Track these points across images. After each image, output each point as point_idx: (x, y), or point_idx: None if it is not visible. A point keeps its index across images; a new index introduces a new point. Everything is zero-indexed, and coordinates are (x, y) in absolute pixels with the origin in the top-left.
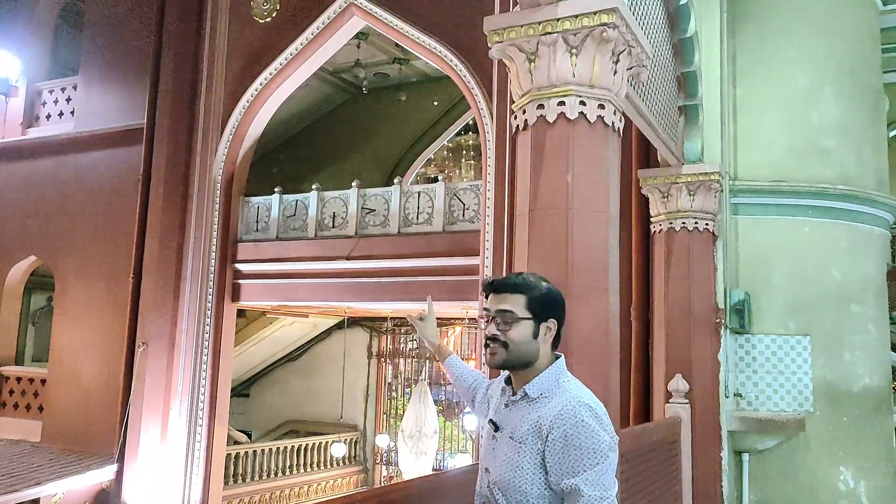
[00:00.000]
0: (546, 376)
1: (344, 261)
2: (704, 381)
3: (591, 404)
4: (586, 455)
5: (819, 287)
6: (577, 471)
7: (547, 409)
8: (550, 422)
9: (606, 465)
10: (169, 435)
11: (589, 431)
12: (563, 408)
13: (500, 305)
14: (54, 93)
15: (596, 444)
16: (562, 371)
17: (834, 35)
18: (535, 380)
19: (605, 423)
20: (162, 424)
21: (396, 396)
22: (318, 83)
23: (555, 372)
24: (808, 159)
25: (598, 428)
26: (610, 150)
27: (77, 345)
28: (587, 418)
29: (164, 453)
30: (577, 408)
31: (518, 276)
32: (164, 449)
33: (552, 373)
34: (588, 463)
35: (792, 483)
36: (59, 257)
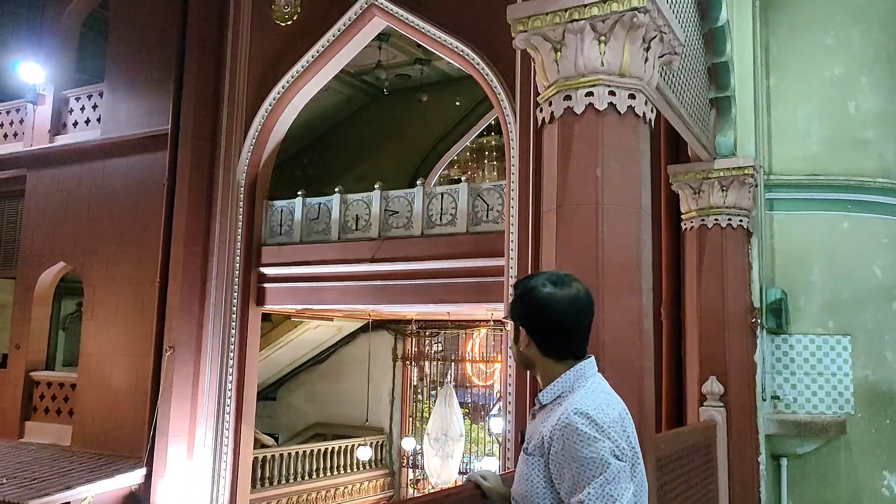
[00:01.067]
0: (559, 383)
1: (367, 263)
2: (740, 383)
3: (588, 411)
4: (585, 467)
5: (859, 284)
6: (579, 486)
7: (550, 420)
8: (550, 433)
9: (610, 474)
10: (196, 438)
11: (584, 440)
12: (560, 417)
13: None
14: (80, 100)
15: (593, 453)
16: (580, 376)
17: (870, 23)
18: (549, 386)
19: (606, 430)
20: (189, 428)
21: (422, 399)
22: (339, 86)
23: (570, 378)
24: (845, 151)
25: (595, 435)
26: (641, 142)
27: (106, 349)
28: (582, 426)
29: (191, 457)
30: (571, 416)
31: (527, 276)
32: (191, 452)
33: (567, 379)
34: (588, 475)
35: (832, 489)
36: (88, 263)
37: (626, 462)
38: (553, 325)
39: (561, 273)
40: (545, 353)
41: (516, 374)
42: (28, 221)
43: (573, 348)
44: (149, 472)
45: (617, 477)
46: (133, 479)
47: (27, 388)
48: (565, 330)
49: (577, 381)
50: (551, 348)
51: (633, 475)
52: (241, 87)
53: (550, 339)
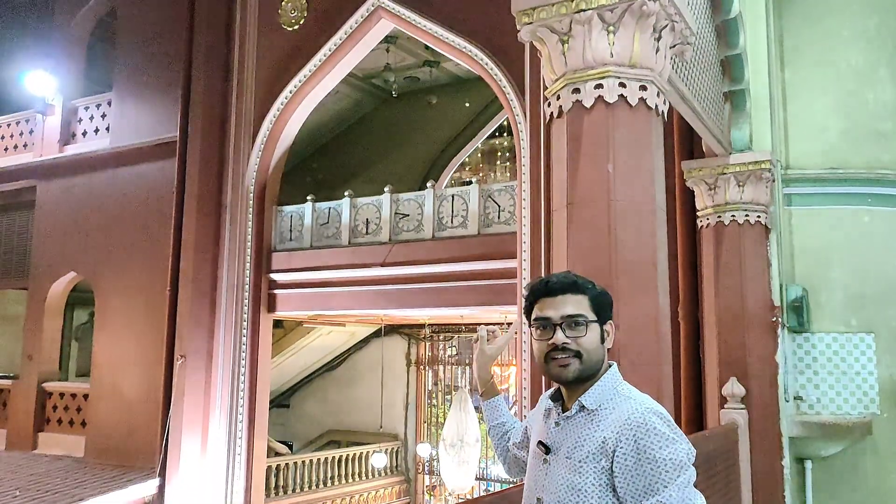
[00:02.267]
0: (603, 384)
1: (378, 267)
2: (762, 384)
3: (661, 412)
4: (664, 468)
5: (882, 280)
6: (655, 488)
7: (610, 421)
8: (617, 434)
9: (688, 477)
10: (209, 448)
11: (664, 440)
12: (630, 416)
13: (564, 310)
14: (89, 109)
15: (674, 454)
16: (618, 378)
17: (887, 12)
18: (592, 389)
19: (677, 430)
20: (202, 437)
21: (437, 404)
22: (347, 89)
23: (611, 379)
24: (864, 144)
25: (673, 436)
26: (654, 135)
27: (118, 359)
28: (660, 426)
29: (204, 466)
30: (647, 415)
31: (569, 274)
32: (204, 462)
33: (609, 380)
34: (668, 477)
35: (859, 491)
36: (99, 272)
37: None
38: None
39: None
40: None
41: (531, 378)
42: (38, 232)
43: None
44: (162, 483)
45: (691, 480)
46: (147, 489)
47: (40, 400)
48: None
49: (617, 383)
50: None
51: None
52: (248, 93)
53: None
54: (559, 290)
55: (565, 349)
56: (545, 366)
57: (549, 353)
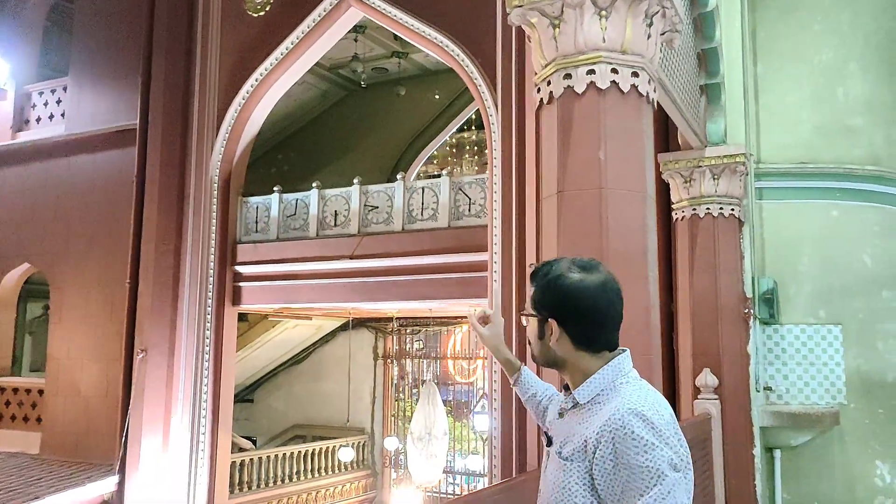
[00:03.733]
0: (598, 379)
1: (347, 260)
2: (734, 375)
3: (644, 412)
4: (639, 475)
5: (849, 273)
6: (628, 496)
7: (595, 420)
8: (597, 435)
9: (665, 487)
10: (171, 444)
11: (640, 445)
12: (611, 417)
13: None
14: (44, 95)
15: (650, 460)
16: (619, 371)
17: (859, 8)
18: (585, 383)
19: (665, 434)
20: (163, 433)
21: (403, 398)
22: (314, 79)
23: (609, 373)
24: (835, 139)
25: (653, 441)
26: (645, 123)
27: (74, 354)
28: (639, 429)
29: (166, 463)
30: (626, 417)
31: (546, 262)
32: (166, 458)
33: (606, 375)
34: (642, 485)
35: (827, 480)
36: (54, 264)
37: (682, 472)
38: (588, 313)
39: (584, 258)
40: (579, 346)
41: (501, 371)
42: None
43: (608, 338)
44: (122, 480)
45: (672, 491)
46: (106, 487)
47: None
48: (601, 318)
49: (618, 377)
50: (587, 340)
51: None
52: (212, 81)
53: (585, 330)
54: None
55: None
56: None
57: None
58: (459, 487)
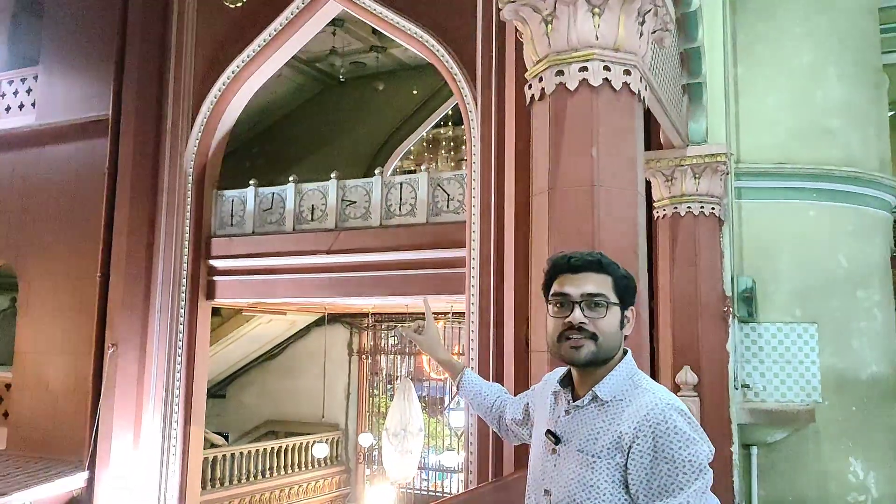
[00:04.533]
0: (618, 374)
1: (324, 255)
2: (713, 372)
3: (682, 407)
4: (682, 469)
5: (825, 273)
6: (670, 489)
7: (627, 415)
8: (634, 429)
9: (706, 481)
10: (142, 440)
11: (684, 440)
12: (650, 411)
13: (585, 287)
14: (14, 84)
15: (693, 455)
16: (634, 367)
17: (837, 12)
18: (607, 378)
19: (700, 430)
20: (134, 429)
21: (378, 394)
22: (291, 73)
23: (627, 369)
24: (812, 140)
25: (694, 436)
26: (637, 121)
27: (43, 347)
28: (681, 424)
29: (137, 459)
30: (667, 411)
31: (595, 252)
32: (137, 454)
33: (624, 370)
34: (685, 479)
35: (802, 476)
36: (23, 256)
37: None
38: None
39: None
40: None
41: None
42: None
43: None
44: (91, 476)
45: (708, 485)
46: (75, 483)
47: None
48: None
49: (633, 373)
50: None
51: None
52: (187, 72)
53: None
54: (582, 267)
55: (581, 329)
56: (557, 345)
57: (564, 332)
58: (433, 484)
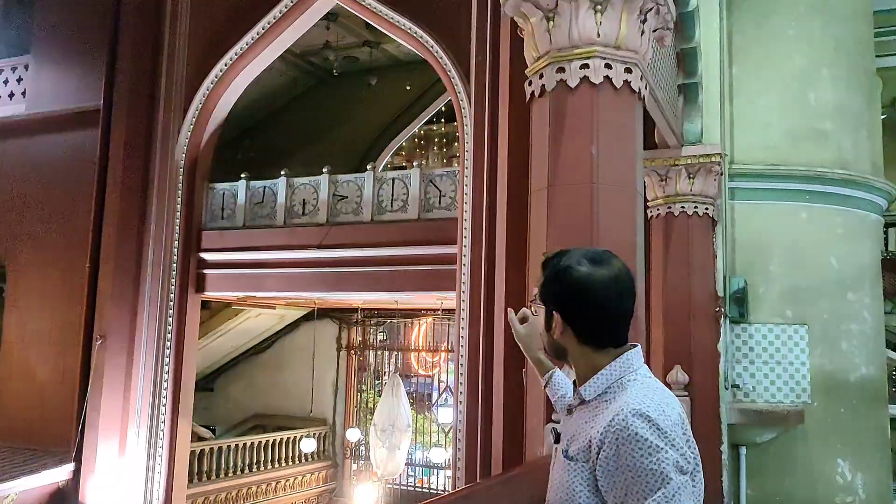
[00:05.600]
0: (605, 375)
1: (314, 249)
2: (704, 372)
3: (649, 413)
4: (641, 479)
5: (816, 275)
6: (632, 499)
7: (600, 419)
8: (601, 435)
9: (670, 491)
10: (129, 432)
11: (644, 448)
12: (615, 418)
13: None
14: (4, 73)
15: (654, 463)
16: (628, 368)
17: (831, 15)
18: (592, 379)
19: (670, 436)
20: (122, 421)
21: (366, 389)
22: (283, 66)
23: (616, 370)
24: (805, 142)
25: (657, 443)
26: (636, 119)
27: (30, 338)
28: (642, 430)
29: (124, 451)
30: (630, 418)
31: (558, 252)
32: (124, 447)
33: (613, 371)
34: (643, 489)
35: (790, 476)
36: (11, 246)
37: (690, 474)
38: (594, 309)
39: (598, 249)
40: (584, 341)
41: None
42: None
43: (615, 335)
44: (77, 468)
45: (677, 494)
46: (60, 474)
47: None
48: (607, 315)
49: (625, 374)
50: (591, 336)
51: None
52: (180, 63)
53: (590, 326)
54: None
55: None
56: None
57: None
58: (418, 480)
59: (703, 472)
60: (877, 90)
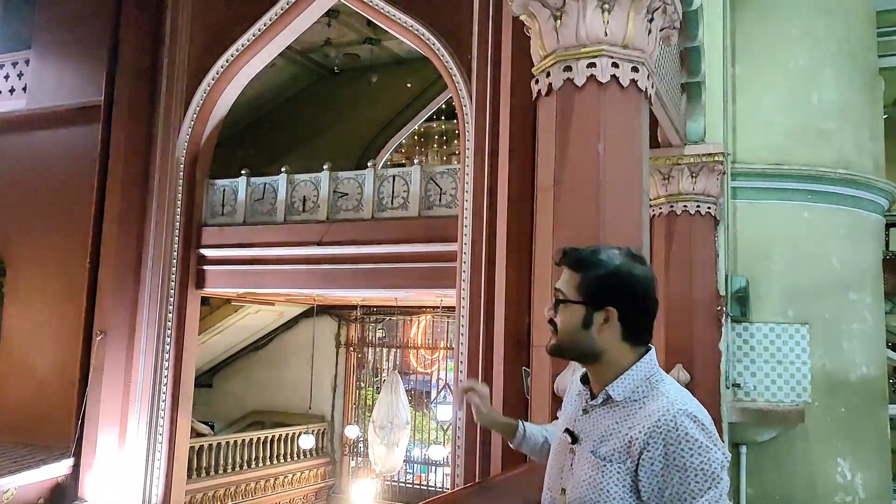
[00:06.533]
0: (633, 375)
1: (315, 246)
2: (706, 371)
3: (695, 413)
4: (694, 478)
5: (818, 274)
6: (683, 498)
7: (639, 419)
8: (645, 435)
9: (720, 490)
10: (129, 427)
11: (696, 447)
12: (661, 417)
13: (558, 283)
14: (5, 68)
15: (706, 463)
16: (653, 368)
17: (834, 15)
18: (620, 379)
19: (714, 436)
20: (121, 417)
21: (364, 386)
22: (284, 63)
23: (644, 369)
24: (807, 142)
25: (707, 443)
26: (643, 118)
27: (30, 334)
28: (693, 431)
29: (123, 447)
30: (679, 418)
31: (592, 249)
32: (123, 442)
33: (640, 370)
34: (697, 488)
35: (789, 476)
36: (11, 241)
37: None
38: (646, 305)
39: (628, 248)
40: (627, 338)
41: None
42: None
43: (650, 332)
44: (77, 463)
45: (724, 494)
46: (60, 469)
47: None
48: (653, 311)
49: (652, 374)
50: (637, 332)
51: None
52: (181, 59)
53: (641, 322)
54: (563, 262)
55: (551, 322)
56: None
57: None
58: (417, 477)
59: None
60: (879, 90)
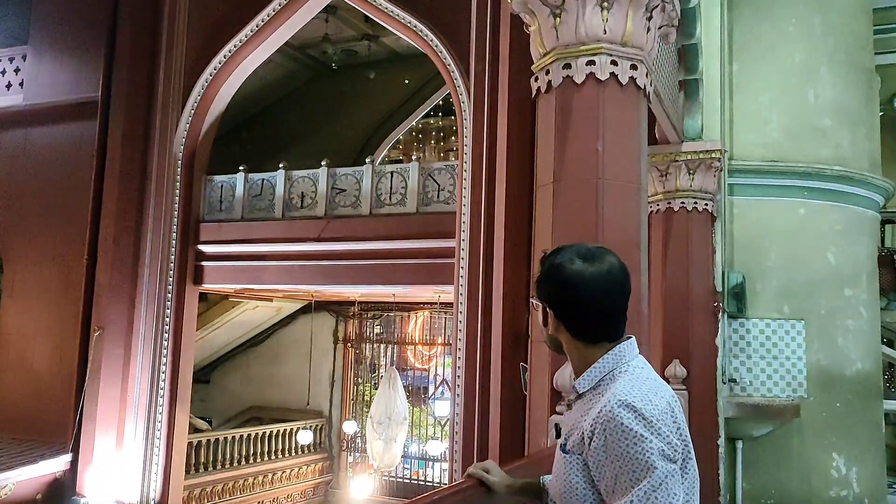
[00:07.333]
0: (598, 367)
1: (313, 243)
2: (702, 366)
3: (633, 403)
4: (628, 468)
5: (813, 270)
6: (619, 488)
7: (594, 411)
8: (591, 426)
9: (656, 479)
10: (127, 423)
11: (629, 437)
12: (602, 408)
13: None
14: (2, 63)
15: (638, 452)
16: (620, 360)
17: (830, 12)
18: (586, 372)
19: (655, 424)
20: (119, 413)
21: (362, 382)
22: (282, 59)
23: (608, 362)
24: (803, 139)
25: (642, 433)
26: (641, 116)
27: (27, 330)
28: (627, 420)
29: (121, 442)
30: (616, 409)
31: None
32: (121, 438)
33: (606, 364)
34: (630, 478)
35: (785, 470)
36: (8, 237)
37: (677, 462)
38: (584, 306)
39: (591, 246)
40: (577, 336)
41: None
42: None
43: (608, 330)
44: (74, 459)
45: (664, 482)
46: (57, 465)
47: None
48: (598, 311)
49: (618, 366)
50: (583, 331)
51: (683, 474)
52: (178, 55)
53: (582, 322)
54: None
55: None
56: None
57: None
58: (414, 472)
59: (700, 466)
60: (875, 87)
